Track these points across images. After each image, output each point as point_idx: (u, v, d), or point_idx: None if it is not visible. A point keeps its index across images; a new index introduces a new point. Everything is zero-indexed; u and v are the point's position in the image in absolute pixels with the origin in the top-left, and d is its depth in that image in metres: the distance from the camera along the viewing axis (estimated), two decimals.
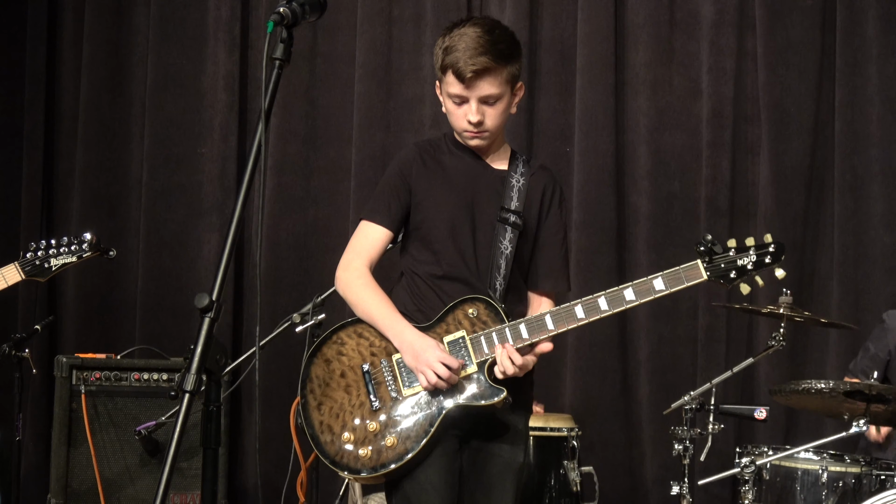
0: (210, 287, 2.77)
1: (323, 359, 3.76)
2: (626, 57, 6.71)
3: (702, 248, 3.61)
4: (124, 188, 7.19)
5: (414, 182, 3.81)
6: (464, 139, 3.81)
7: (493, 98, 3.73)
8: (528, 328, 3.64)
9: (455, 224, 3.77)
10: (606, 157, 6.62)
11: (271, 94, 2.95)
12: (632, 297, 3.61)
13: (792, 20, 6.53)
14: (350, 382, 3.72)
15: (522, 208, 3.80)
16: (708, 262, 3.61)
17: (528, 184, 3.83)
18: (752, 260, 3.62)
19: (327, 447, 3.68)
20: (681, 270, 3.61)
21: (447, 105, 3.79)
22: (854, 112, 6.43)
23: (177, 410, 2.67)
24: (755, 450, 5.03)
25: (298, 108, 7.03)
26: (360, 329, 3.76)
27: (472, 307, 3.69)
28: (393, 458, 3.62)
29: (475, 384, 3.63)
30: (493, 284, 3.73)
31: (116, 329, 7.04)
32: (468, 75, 3.67)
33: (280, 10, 3.01)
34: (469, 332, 3.67)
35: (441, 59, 3.75)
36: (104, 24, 7.23)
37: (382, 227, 3.81)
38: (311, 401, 3.74)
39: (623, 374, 6.56)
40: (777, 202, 6.43)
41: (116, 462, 5.88)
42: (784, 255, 3.62)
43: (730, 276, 3.61)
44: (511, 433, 3.78)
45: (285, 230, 6.94)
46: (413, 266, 3.82)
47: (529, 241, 3.84)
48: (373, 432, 3.65)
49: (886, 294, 6.24)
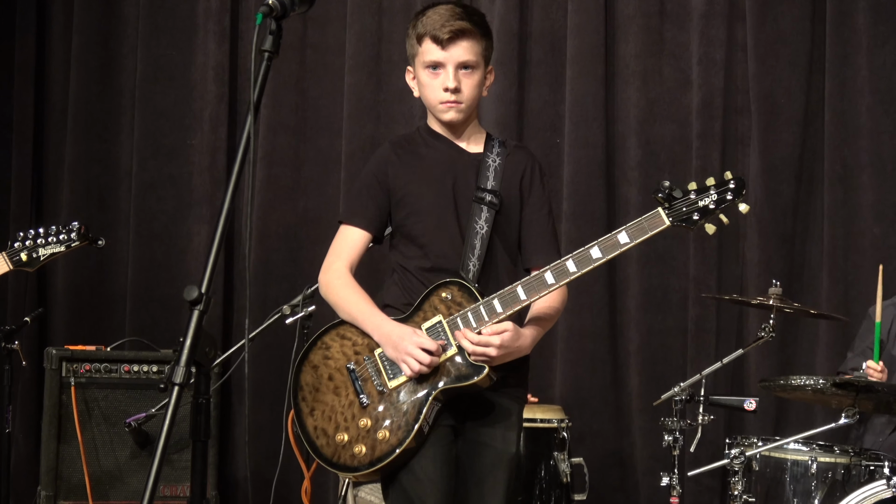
0: (199, 279, 2.77)
1: (310, 365, 3.77)
2: (617, 48, 6.71)
3: (660, 195, 3.54)
4: (114, 179, 7.18)
5: (391, 181, 3.82)
6: (439, 114, 3.80)
7: (470, 65, 3.75)
8: (502, 302, 3.62)
9: (439, 214, 3.77)
10: (597, 148, 6.62)
11: (260, 86, 2.96)
12: (598, 255, 3.57)
13: (782, 11, 6.53)
14: (338, 384, 3.72)
15: (499, 187, 3.79)
16: (669, 208, 3.53)
17: (504, 163, 3.82)
18: (714, 199, 3.52)
19: (323, 450, 3.70)
20: (643, 220, 3.54)
21: (423, 78, 3.78)
22: (844, 103, 6.43)
23: (166, 403, 2.68)
24: (745, 441, 5.03)
25: (288, 99, 7.03)
26: (342, 331, 3.78)
27: (446, 291, 3.68)
28: (387, 451, 3.61)
29: (457, 366, 3.63)
30: (465, 265, 3.72)
31: (106, 321, 7.03)
32: (446, 36, 3.70)
33: (269, 1, 3.01)
34: (445, 315, 3.66)
35: (416, 32, 3.77)
36: (93, 15, 7.21)
37: (360, 228, 3.83)
38: (304, 408, 3.75)
39: (613, 366, 6.56)
40: (767, 193, 6.44)
41: (107, 454, 5.87)
42: (746, 188, 3.54)
43: (693, 219, 3.51)
44: (504, 424, 3.78)
45: (275, 221, 6.93)
46: (402, 261, 3.83)
47: (513, 221, 3.83)
48: (364, 428, 3.65)
49: (875, 285, 6.24)
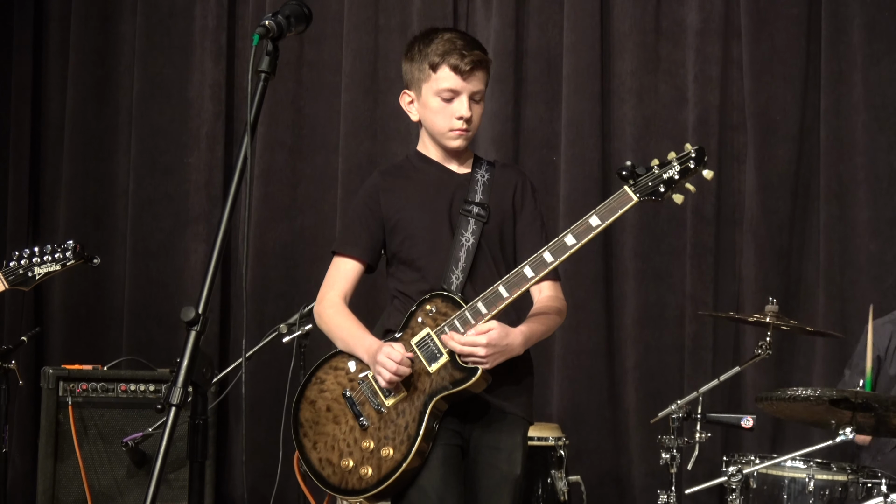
0: (196, 299, 2.77)
1: (308, 402, 3.79)
2: (612, 65, 6.72)
3: (624, 173, 3.54)
4: (111, 198, 7.18)
5: (384, 208, 3.83)
6: (447, 140, 3.80)
7: (480, 95, 3.78)
8: (486, 303, 3.62)
9: (433, 236, 3.78)
10: (593, 165, 6.62)
11: (257, 106, 2.96)
12: (573, 241, 3.56)
13: (777, 28, 6.55)
14: (337, 413, 3.74)
15: (487, 200, 3.80)
16: (634, 185, 3.54)
17: (492, 178, 3.84)
18: (678, 169, 3.52)
19: (331, 479, 3.71)
20: (611, 201, 3.55)
21: (433, 105, 3.77)
22: (839, 120, 6.44)
23: (163, 423, 2.67)
24: (742, 458, 5.03)
25: (285, 117, 7.03)
26: (334, 363, 3.80)
27: (430, 304, 3.70)
28: (393, 467, 3.62)
29: (451, 372, 3.63)
30: (447, 278, 3.72)
31: (103, 339, 7.02)
32: (467, 68, 3.70)
33: (265, 22, 3.01)
34: (433, 327, 3.66)
35: (427, 60, 3.75)
36: (90, 34, 7.22)
37: (353, 258, 3.85)
38: (307, 443, 3.77)
39: (610, 383, 6.56)
40: (763, 210, 6.44)
41: (104, 474, 5.86)
42: (706, 155, 3.55)
43: (659, 191, 3.52)
44: (509, 445, 3.79)
45: (272, 239, 6.93)
46: (401, 287, 3.83)
47: (504, 234, 3.83)
48: (368, 450, 3.66)
49: (872, 301, 6.23)
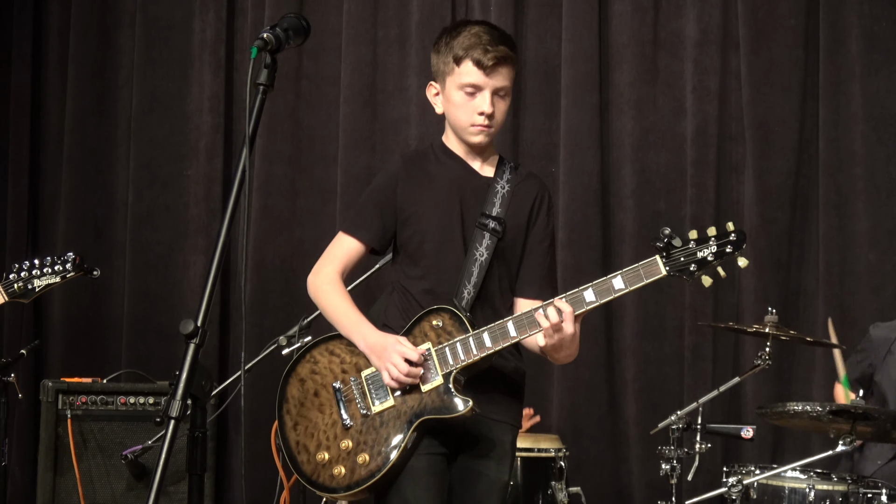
0: (195, 311, 2.77)
1: (297, 378, 3.76)
2: (611, 76, 6.73)
3: (660, 244, 3.48)
4: (110, 210, 7.18)
5: (400, 198, 3.77)
6: (469, 136, 3.74)
7: (504, 91, 3.72)
8: (491, 336, 3.57)
9: (443, 236, 3.73)
10: (592, 176, 6.63)
11: (255, 119, 2.97)
12: (592, 299, 3.51)
13: (775, 39, 6.56)
14: (323, 401, 3.71)
15: (504, 214, 3.74)
16: (667, 257, 3.47)
17: (513, 190, 3.78)
18: (713, 251, 3.46)
19: (303, 467, 3.69)
20: (640, 267, 3.49)
21: (455, 99, 3.72)
22: (838, 130, 6.45)
23: (162, 436, 2.67)
24: (742, 469, 5.03)
25: (284, 129, 7.03)
26: (331, 346, 3.76)
27: (437, 318, 3.65)
28: (366, 476, 3.60)
29: (442, 397, 3.59)
30: (460, 292, 3.68)
31: (103, 352, 7.02)
32: (490, 63, 3.66)
33: (263, 35, 3.02)
34: (435, 343, 3.62)
35: (452, 52, 3.71)
36: (89, 47, 7.23)
37: (359, 240, 3.81)
38: (288, 421, 3.74)
39: (610, 394, 6.56)
40: (762, 220, 6.45)
41: (103, 487, 5.85)
42: (745, 242, 3.48)
43: (690, 270, 3.46)
44: (498, 451, 3.74)
45: (271, 252, 6.93)
46: (403, 281, 3.79)
47: (516, 250, 3.78)
48: (345, 450, 3.64)
49: (872, 311, 6.25)
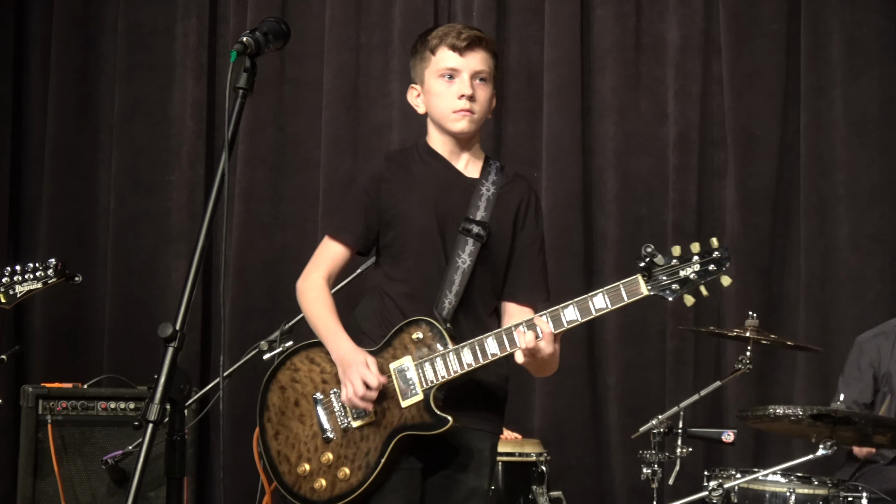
0: (175, 316, 2.77)
1: (278, 386, 3.73)
2: (593, 82, 6.74)
3: (641, 264, 3.39)
4: (92, 216, 7.16)
5: (383, 199, 3.72)
6: (451, 123, 3.69)
7: (484, 75, 3.69)
8: (472, 352, 3.52)
9: (425, 239, 3.68)
10: (574, 182, 6.64)
11: (235, 123, 2.97)
12: (573, 317, 3.45)
13: (757, 44, 6.59)
14: (304, 411, 3.68)
15: (489, 219, 3.68)
16: (648, 277, 3.39)
17: (498, 193, 3.72)
18: (696, 270, 3.37)
19: (285, 477, 3.67)
20: (621, 286, 3.41)
21: (435, 88, 3.70)
22: (819, 135, 6.49)
23: (141, 440, 2.67)
24: (723, 473, 5.03)
25: (266, 134, 7.02)
26: (311, 354, 3.72)
27: (417, 330, 3.60)
28: (347, 490, 3.58)
29: (422, 414, 3.55)
30: (440, 302, 3.63)
31: (84, 358, 6.98)
32: (464, 44, 3.65)
33: (243, 39, 3.02)
34: (415, 357, 3.57)
35: (427, 46, 3.72)
36: (71, 52, 7.21)
37: (344, 244, 3.76)
38: (269, 429, 3.72)
39: (592, 399, 6.56)
40: (744, 225, 6.47)
41: (84, 492, 5.82)
42: (729, 261, 3.40)
43: (673, 289, 3.38)
44: (476, 459, 3.71)
45: (253, 257, 6.91)
46: (384, 284, 3.75)
47: (501, 255, 3.72)
48: (326, 463, 3.62)
49: (853, 316, 6.28)
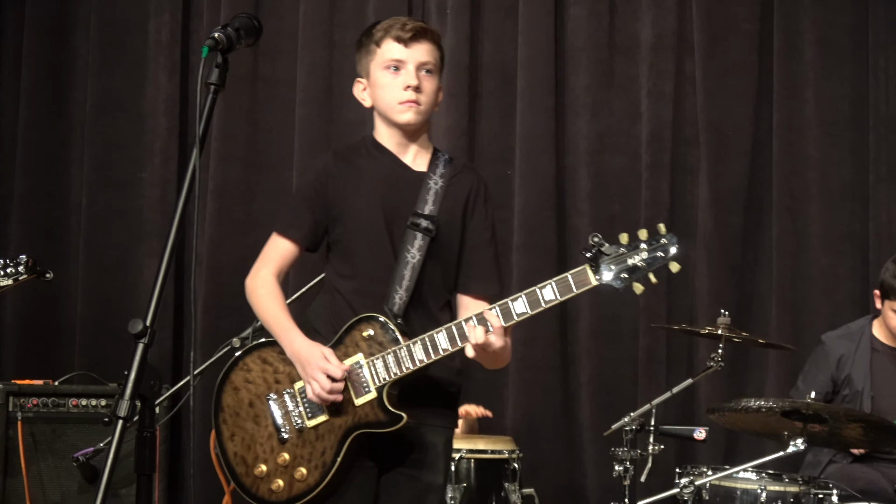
0: (145, 312, 2.76)
1: (231, 387, 3.69)
2: (567, 80, 6.75)
3: (588, 255, 3.36)
4: (64, 213, 7.13)
5: (330, 194, 3.69)
6: (397, 115, 3.66)
7: (429, 67, 3.67)
8: (423, 348, 3.48)
9: (373, 234, 3.65)
10: (547, 179, 6.65)
11: (206, 118, 2.97)
12: (522, 310, 3.40)
13: (730, 44, 6.62)
14: (258, 412, 3.64)
15: (437, 212, 3.65)
16: (596, 267, 3.35)
17: (447, 186, 3.69)
18: (644, 258, 3.34)
19: (243, 479, 3.63)
20: (569, 277, 3.37)
21: (381, 80, 3.67)
22: (792, 134, 6.52)
23: (111, 436, 2.67)
24: (695, 470, 5.05)
25: (239, 131, 7.01)
26: (264, 354, 3.68)
27: (368, 327, 3.56)
28: (304, 490, 3.55)
29: (376, 412, 3.52)
30: (391, 298, 3.60)
31: (55, 355, 6.95)
32: (408, 35, 3.63)
33: (215, 35, 3.02)
34: (367, 354, 3.53)
35: (372, 39, 3.69)
36: (44, 48, 7.18)
37: (291, 241, 3.73)
38: (225, 430, 3.67)
39: (564, 396, 6.58)
40: (716, 224, 6.50)
41: (54, 490, 5.80)
42: (677, 247, 3.36)
43: (622, 278, 3.33)
44: (431, 455, 3.67)
45: (226, 254, 6.89)
46: (334, 280, 3.72)
47: (451, 248, 3.69)
48: (283, 464, 3.58)
49: (824, 315, 6.31)
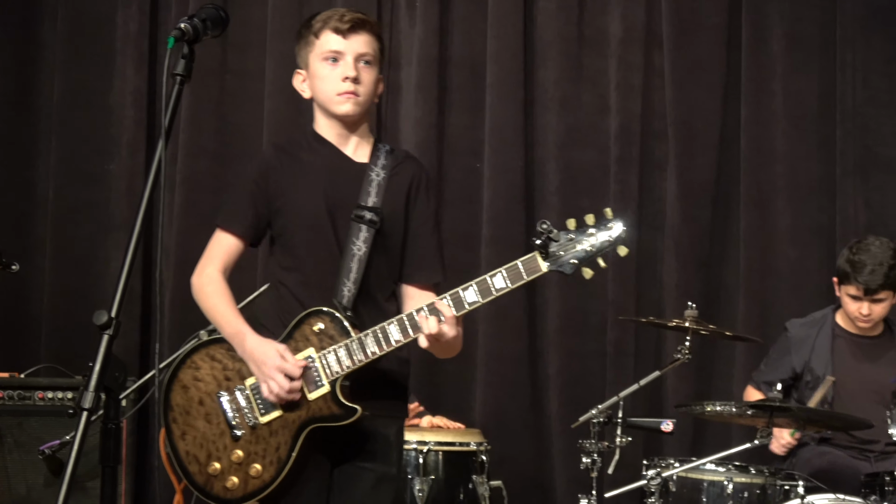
0: (110, 304, 2.76)
1: (180, 385, 3.64)
2: (536, 74, 6.76)
3: (538, 241, 3.36)
4: (31, 205, 7.08)
5: (272, 187, 3.67)
6: (336, 106, 3.65)
7: (368, 58, 3.66)
8: (375, 340, 3.47)
9: (316, 227, 3.63)
10: (516, 173, 6.65)
11: (172, 110, 2.95)
12: (473, 299, 3.42)
13: (698, 38, 6.64)
14: (209, 410, 3.60)
15: (381, 204, 3.64)
16: (546, 254, 3.36)
17: (389, 177, 3.68)
18: (592, 242, 3.36)
19: (196, 477, 3.60)
20: (519, 264, 3.38)
21: (320, 72, 3.66)
22: (759, 128, 6.55)
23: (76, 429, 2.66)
24: (662, 462, 5.08)
25: (208, 123, 6.98)
26: (212, 351, 3.65)
27: (319, 321, 3.54)
28: (260, 486, 3.54)
29: (330, 406, 3.51)
30: (339, 291, 3.58)
31: (22, 347, 6.90)
32: (346, 26, 3.62)
33: (181, 25, 3.01)
34: (318, 348, 3.52)
35: (311, 31, 3.68)
36: (10, 40, 7.12)
37: (235, 235, 3.70)
38: (175, 430, 3.63)
39: (532, 389, 6.58)
40: (684, 217, 6.52)
41: (19, 483, 5.76)
42: (625, 230, 3.37)
43: (571, 264, 3.36)
44: (382, 446, 3.66)
45: (194, 247, 6.73)
46: (278, 274, 3.70)
47: (396, 239, 3.69)
48: (237, 461, 3.56)
49: (792, 308, 6.34)
